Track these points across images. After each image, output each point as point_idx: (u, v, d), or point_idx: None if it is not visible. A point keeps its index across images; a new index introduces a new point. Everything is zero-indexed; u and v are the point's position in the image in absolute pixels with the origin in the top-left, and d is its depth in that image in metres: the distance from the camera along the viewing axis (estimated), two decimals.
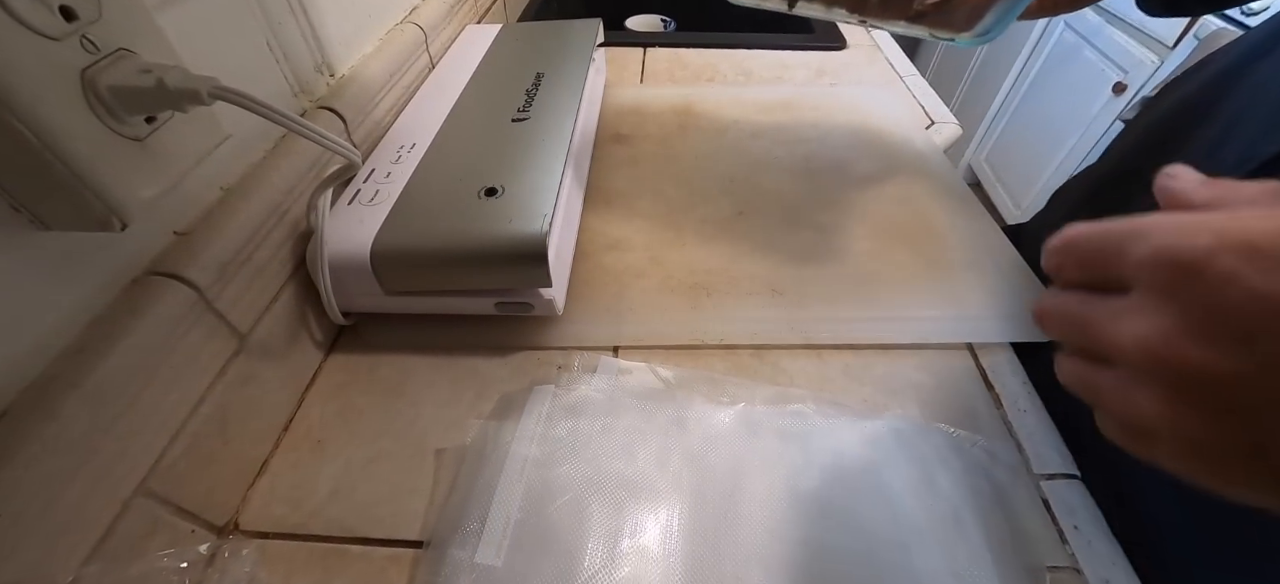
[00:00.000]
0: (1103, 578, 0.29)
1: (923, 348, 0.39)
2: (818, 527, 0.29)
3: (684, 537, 0.29)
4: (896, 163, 0.54)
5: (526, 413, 0.34)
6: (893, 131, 0.58)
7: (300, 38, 0.39)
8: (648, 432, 0.33)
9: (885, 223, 0.47)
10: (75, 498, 0.23)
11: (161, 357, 0.27)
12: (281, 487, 0.33)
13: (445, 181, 0.39)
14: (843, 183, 0.51)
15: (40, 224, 0.23)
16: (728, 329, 0.39)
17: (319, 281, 0.35)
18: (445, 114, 0.46)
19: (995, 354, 0.38)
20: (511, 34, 0.59)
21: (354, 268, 0.35)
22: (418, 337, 0.40)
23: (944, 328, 0.39)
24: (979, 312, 0.40)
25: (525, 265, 0.34)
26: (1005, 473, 0.32)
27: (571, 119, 0.44)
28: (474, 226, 0.35)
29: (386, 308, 0.38)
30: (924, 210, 0.48)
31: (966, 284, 0.42)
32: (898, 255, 0.44)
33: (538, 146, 0.41)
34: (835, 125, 0.59)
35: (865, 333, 0.39)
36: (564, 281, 0.40)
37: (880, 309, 0.40)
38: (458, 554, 0.28)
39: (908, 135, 0.57)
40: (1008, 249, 0.44)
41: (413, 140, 0.43)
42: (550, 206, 0.35)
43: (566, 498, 0.30)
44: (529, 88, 0.48)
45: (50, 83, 0.21)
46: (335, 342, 0.40)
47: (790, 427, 0.33)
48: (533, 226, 0.34)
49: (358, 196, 0.38)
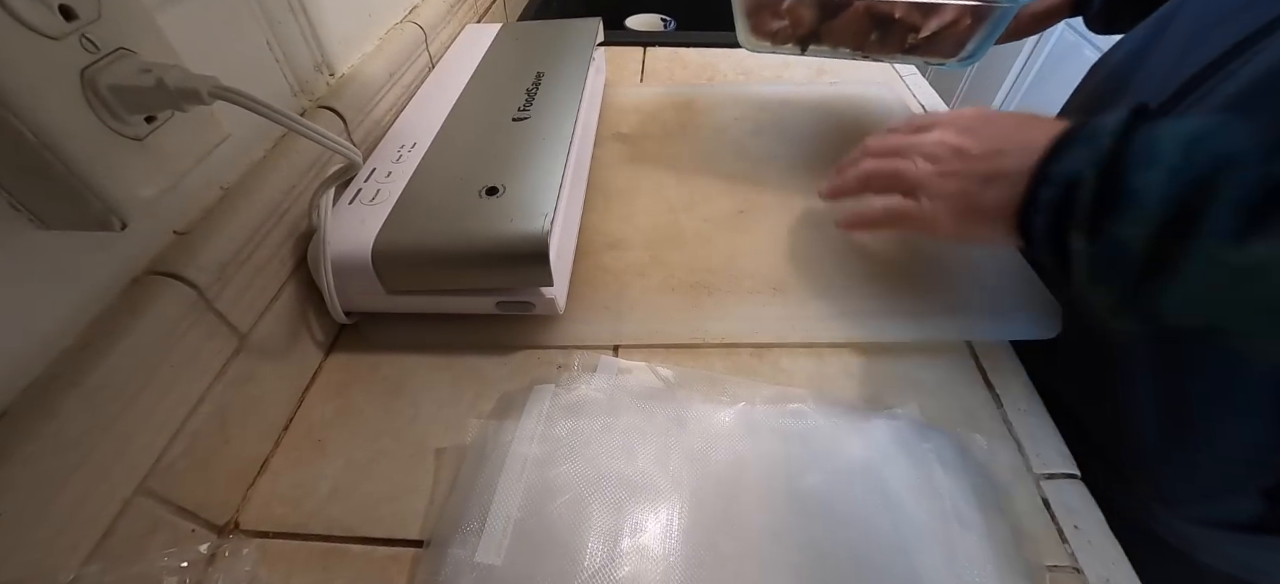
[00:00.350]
0: (1103, 578, 0.29)
1: (923, 347, 0.39)
2: (817, 526, 0.29)
3: (684, 536, 0.29)
4: None
5: (526, 412, 0.34)
6: None
7: (300, 37, 0.39)
8: (648, 431, 0.33)
9: None
10: (75, 497, 0.23)
11: (161, 356, 0.27)
12: (282, 486, 0.33)
13: (446, 181, 0.39)
14: None
15: (40, 223, 0.23)
16: (729, 327, 0.39)
17: (321, 281, 0.35)
18: (446, 113, 0.46)
19: (995, 354, 0.38)
20: (511, 33, 0.59)
21: (355, 267, 0.35)
22: (418, 335, 0.40)
23: (944, 325, 0.39)
24: (979, 310, 0.40)
25: (526, 264, 0.34)
26: (1005, 473, 0.32)
27: (572, 118, 0.44)
28: (475, 226, 0.35)
29: (388, 307, 0.38)
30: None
31: (966, 283, 0.42)
32: (898, 255, 0.44)
33: (538, 146, 0.41)
34: (836, 124, 0.59)
35: (866, 331, 0.39)
36: (565, 280, 0.40)
37: (881, 307, 0.40)
38: (458, 553, 0.28)
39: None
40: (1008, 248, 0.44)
41: (413, 140, 0.43)
42: (551, 206, 0.35)
43: (567, 497, 0.30)
44: (529, 87, 0.48)
45: (50, 82, 0.21)
46: (335, 341, 0.40)
47: (790, 426, 0.33)
48: (534, 226, 0.34)
49: (359, 196, 0.38)
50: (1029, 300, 0.40)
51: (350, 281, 0.36)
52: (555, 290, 0.36)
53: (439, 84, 0.51)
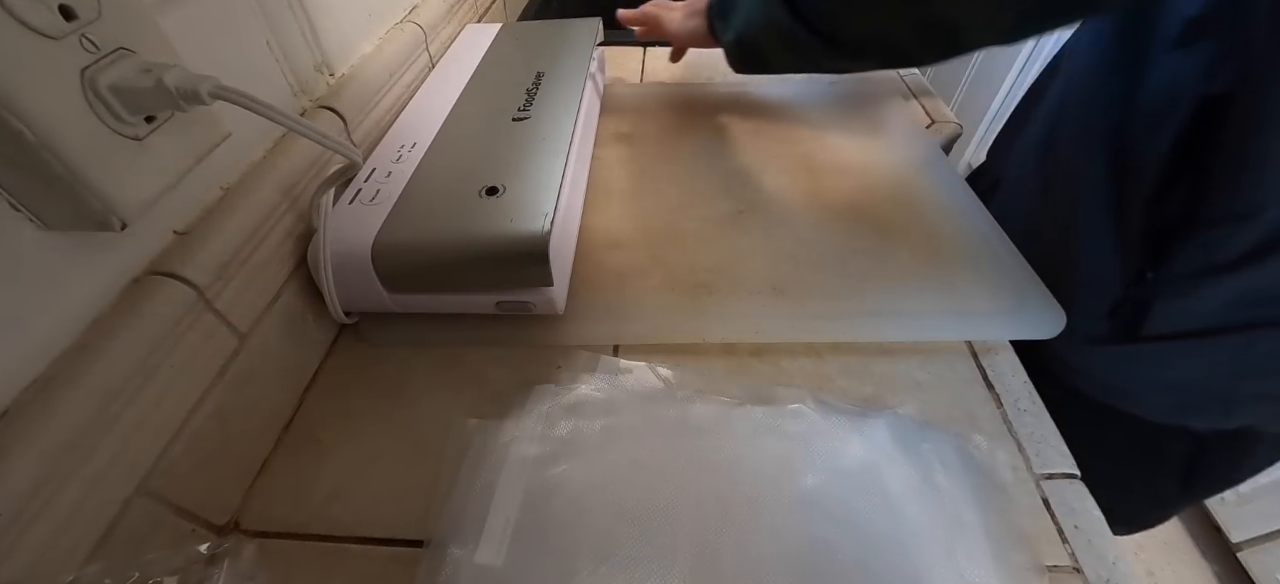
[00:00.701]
0: (1103, 578, 0.29)
1: (922, 347, 0.39)
2: (817, 527, 0.29)
3: (684, 537, 0.29)
4: (897, 161, 0.54)
5: (526, 413, 0.34)
6: (893, 130, 0.58)
7: (300, 37, 0.39)
8: (647, 431, 0.33)
9: (885, 221, 0.47)
10: (75, 497, 0.23)
11: (161, 356, 0.27)
12: (282, 486, 0.33)
13: (446, 181, 0.39)
14: (843, 181, 0.51)
15: (40, 224, 0.23)
16: (729, 328, 0.39)
17: (322, 281, 0.35)
18: (446, 113, 0.46)
19: (995, 354, 0.38)
20: (511, 33, 0.59)
21: (355, 267, 0.35)
22: (418, 334, 0.40)
23: (943, 325, 0.39)
24: (979, 310, 0.40)
25: (526, 265, 0.34)
26: (1005, 473, 0.32)
27: (572, 118, 0.44)
28: (475, 226, 0.35)
29: (388, 307, 0.38)
30: (924, 209, 0.48)
31: (966, 282, 0.41)
32: (898, 253, 0.44)
33: (538, 146, 0.41)
34: (836, 123, 0.59)
35: (866, 332, 0.39)
36: (565, 281, 0.40)
37: (881, 307, 0.40)
38: (458, 553, 0.28)
39: (908, 134, 0.57)
40: (1008, 247, 0.44)
41: (413, 140, 0.43)
42: (551, 206, 0.35)
43: (566, 497, 0.30)
44: (529, 87, 0.48)
45: (50, 82, 0.21)
46: (336, 341, 0.40)
47: (790, 426, 0.33)
48: (534, 226, 0.34)
49: (359, 196, 0.38)
50: (1029, 299, 0.40)
51: (350, 281, 0.36)
52: (555, 291, 0.36)
53: (439, 84, 0.51)
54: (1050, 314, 0.39)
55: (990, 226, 0.46)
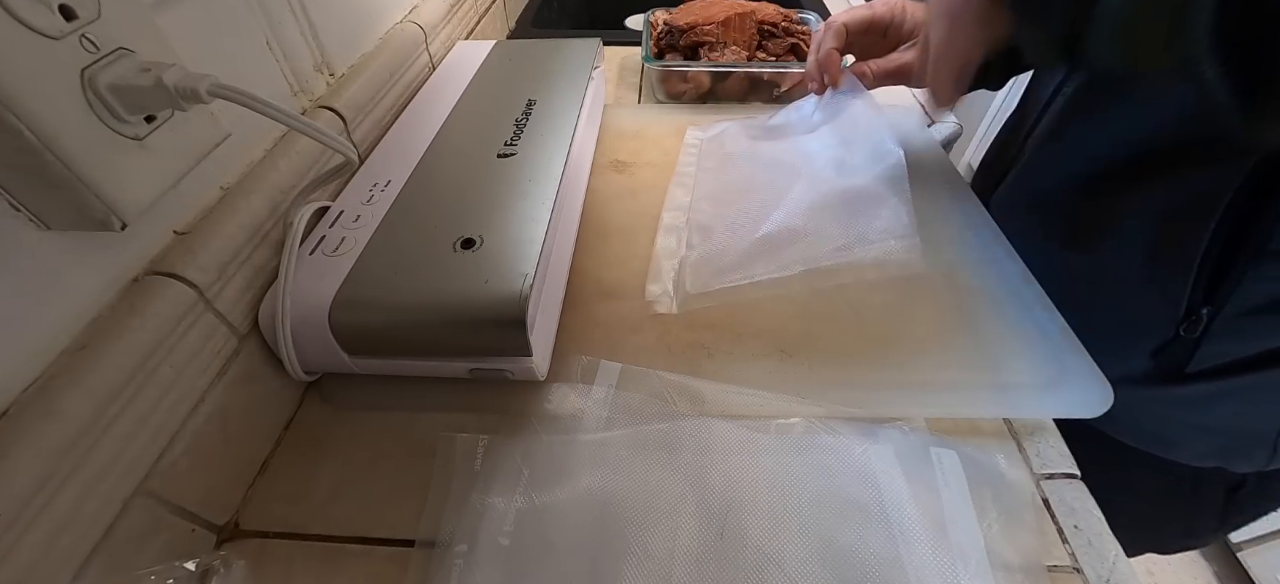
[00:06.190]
0: (1103, 578, 0.29)
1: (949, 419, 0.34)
2: (818, 528, 0.29)
3: (682, 550, 0.29)
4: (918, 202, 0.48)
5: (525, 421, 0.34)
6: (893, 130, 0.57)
7: (300, 36, 0.39)
8: (645, 445, 0.32)
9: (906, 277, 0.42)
10: (75, 497, 0.23)
11: (162, 357, 0.27)
12: (282, 486, 0.33)
13: (417, 229, 0.35)
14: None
15: (40, 224, 0.23)
16: (730, 400, 0.35)
17: (278, 340, 0.31)
18: (426, 146, 0.42)
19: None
20: (504, 52, 0.56)
21: (312, 328, 0.31)
22: (382, 397, 0.36)
23: (979, 400, 0.35)
24: (1017, 383, 0.36)
25: (502, 331, 0.30)
26: (1005, 473, 0.32)
27: (563, 155, 0.40)
28: (446, 285, 0.31)
29: (351, 369, 0.34)
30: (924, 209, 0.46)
31: (1002, 351, 0.37)
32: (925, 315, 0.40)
33: (524, 188, 0.37)
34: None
35: (889, 406, 0.35)
36: (548, 345, 0.36)
37: (905, 377, 0.36)
38: (457, 553, 0.28)
39: (908, 134, 0.57)
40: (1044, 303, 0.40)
41: (388, 176, 0.39)
42: (532, 263, 0.31)
43: (563, 510, 0.30)
44: (518, 117, 0.45)
45: (50, 82, 0.21)
46: None
47: (790, 440, 0.33)
48: (511, 287, 0.30)
49: (322, 244, 0.34)
50: (1073, 373, 0.36)
51: (307, 342, 0.32)
52: (535, 359, 0.32)
53: (422, 110, 0.47)
54: (1098, 390, 0.34)
55: (991, 228, 0.46)
